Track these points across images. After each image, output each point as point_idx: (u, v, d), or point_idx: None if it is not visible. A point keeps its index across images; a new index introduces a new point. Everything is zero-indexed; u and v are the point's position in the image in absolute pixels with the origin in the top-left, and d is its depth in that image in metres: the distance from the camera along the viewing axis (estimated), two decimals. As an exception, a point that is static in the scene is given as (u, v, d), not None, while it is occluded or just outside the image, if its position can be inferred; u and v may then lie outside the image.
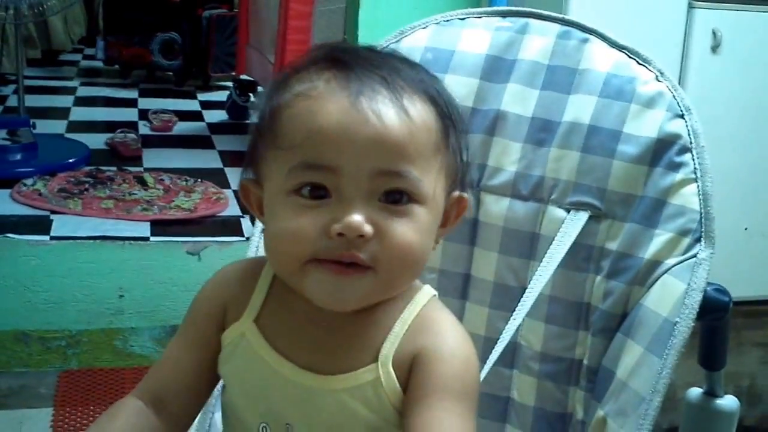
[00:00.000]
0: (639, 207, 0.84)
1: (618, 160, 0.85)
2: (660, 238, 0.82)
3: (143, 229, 2.20)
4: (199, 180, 2.59)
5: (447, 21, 0.95)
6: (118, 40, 3.99)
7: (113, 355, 2.06)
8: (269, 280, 0.72)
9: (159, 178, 2.58)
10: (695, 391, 0.93)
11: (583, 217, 0.87)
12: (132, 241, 2.11)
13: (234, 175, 2.71)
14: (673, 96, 0.85)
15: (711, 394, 0.92)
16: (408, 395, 0.67)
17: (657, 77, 0.87)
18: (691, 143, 0.83)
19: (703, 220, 0.81)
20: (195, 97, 3.87)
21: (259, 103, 0.69)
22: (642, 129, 0.85)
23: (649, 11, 1.79)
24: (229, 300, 0.73)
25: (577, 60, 0.90)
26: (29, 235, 2.08)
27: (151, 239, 2.14)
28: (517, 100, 0.91)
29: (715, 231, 0.81)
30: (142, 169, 2.70)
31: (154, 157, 2.85)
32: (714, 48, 1.83)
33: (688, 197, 0.82)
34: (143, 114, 3.37)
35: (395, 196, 0.64)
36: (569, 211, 0.88)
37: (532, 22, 0.93)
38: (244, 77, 3.32)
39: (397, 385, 0.67)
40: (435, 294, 0.72)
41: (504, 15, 0.94)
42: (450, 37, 0.94)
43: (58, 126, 3.15)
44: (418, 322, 0.69)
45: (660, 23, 1.80)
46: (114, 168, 2.66)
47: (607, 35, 0.90)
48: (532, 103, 0.90)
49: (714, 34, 1.82)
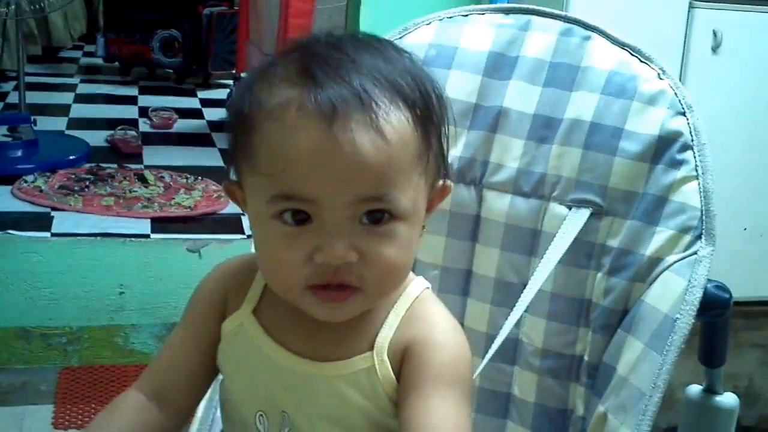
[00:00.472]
0: (640, 204, 0.84)
1: (619, 157, 0.85)
2: (661, 235, 0.82)
3: (144, 226, 2.20)
4: (199, 177, 2.59)
5: (450, 18, 0.95)
6: (119, 38, 3.98)
7: (114, 352, 2.06)
8: None
9: (159, 175, 2.58)
10: (695, 388, 0.93)
11: (584, 214, 0.87)
12: (132, 239, 2.11)
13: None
14: (675, 94, 0.85)
15: (711, 391, 0.92)
16: (401, 385, 0.68)
17: (659, 75, 0.87)
18: (692, 141, 0.83)
19: (704, 217, 0.81)
20: (195, 95, 3.86)
21: (231, 102, 0.68)
22: (644, 126, 0.85)
23: (649, 11, 1.80)
24: (229, 292, 0.75)
25: (579, 57, 0.90)
26: (30, 232, 2.08)
27: (152, 236, 2.14)
28: (520, 97, 0.91)
29: (716, 229, 0.81)
30: (142, 166, 2.70)
31: (154, 155, 2.85)
32: (714, 48, 1.83)
33: (689, 194, 0.82)
34: (143, 111, 3.37)
35: (376, 216, 0.64)
36: (571, 208, 0.88)
37: (535, 19, 0.93)
38: (244, 75, 3.33)
39: (391, 374, 0.68)
40: (428, 286, 0.74)
41: (507, 12, 0.94)
42: (453, 34, 0.94)
43: (59, 123, 3.15)
44: (410, 313, 0.71)
45: (660, 23, 1.81)
46: (114, 165, 2.66)
47: (609, 33, 0.90)
48: (535, 100, 0.90)
49: (714, 34, 1.82)
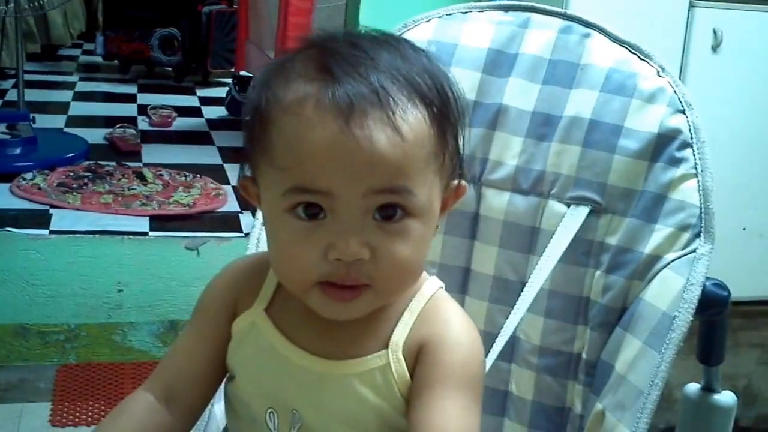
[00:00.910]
0: (639, 202, 0.84)
1: (619, 155, 0.85)
2: (660, 233, 0.82)
3: (142, 224, 2.19)
4: (198, 175, 2.58)
5: (449, 15, 0.95)
6: (118, 36, 3.98)
7: (112, 349, 2.06)
8: None
9: (158, 173, 2.58)
10: (693, 387, 0.93)
11: (583, 211, 0.87)
12: (131, 236, 2.11)
13: (233, 171, 2.70)
14: (675, 91, 0.85)
15: (708, 389, 0.92)
16: (414, 383, 0.68)
17: (658, 73, 0.87)
18: (691, 138, 0.83)
19: (703, 215, 0.81)
20: (194, 93, 3.86)
21: (248, 98, 0.68)
22: (643, 124, 0.85)
23: (649, 10, 1.79)
24: (240, 291, 0.74)
25: (578, 55, 0.90)
26: (28, 229, 2.08)
27: (150, 234, 2.14)
28: (519, 95, 0.91)
29: (715, 227, 0.81)
30: (141, 164, 2.70)
31: (153, 153, 2.84)
32: (714, 47, 1.83)
33: (689, 192, 0.82)
34: (142, 109, 3.36)
35: (389, 211, 0.64)
36: (569, 206, 0.88)
37: (534, 16, 0.93)
38: (243, 73, 3.32)
39: (406, 372, 0.68)
40: (442, 285, 0.73)
41: (506, 9, 0.94)
42: (453, 31, 0.94)
43: (58, 120, 3.14)
44: (425, 312, 0.70)
45: (661, 22, 1.80)
46: (113, 163, 2.65)
47: (608, 30, 0.90)
48: (534, 98, 0.90)
49: (715, 33, 1.82)
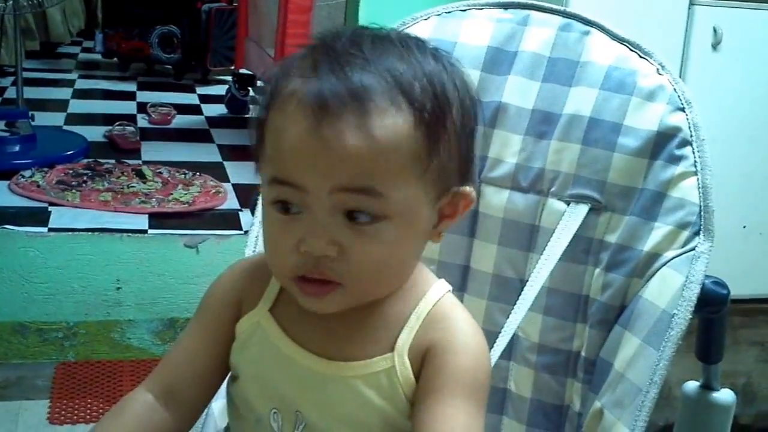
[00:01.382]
0: (639, 200, 0.84)
1: (618, 152, 0.85)
2: (659, 231, 0.82)
3: (141, 221, 2.19)
4: (197, 173, 2.58)
5: (449, 13, 0.95)
6: (117, 33, 3.97)
7: (110, 347, 2.06)
8: None
9: (157, 171, 2.57)
10: (692, 385, 0.93)
11: (582, 209, 0.87)
12: (130, 234, 2.10)
13: (233, 168, 2.70)
14: (674, 89, 0.85)
15: (707, 387, 0.92)
16: (419, 387, 0.67)
17: (658, 70, 0.87)
18: (691, 136, 0.83)
19: (702, 213, 0.81)
20: (194, 91, 3.85)
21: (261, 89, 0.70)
22: (642, 122, 0.85)
23: (649, 8, 1.79)
24: (244, 292, 0.74)
25: (578, 52, 0.90)
26: (27, 227, 2.07)
27: (149, 232, 2.14)
28: (518, 92, 0.91)
29: (715, 225, 0.81)
30: (140, 162, 2.70)
31: (152, 150, 2.84)
32: (715, 45, 1.83)
33: (688, 190, 0.82)
34: (142, 107, 3.36)
35: (356, 214, 0.63)
36: (569, 204, 0.88)
37: (534, 14, 0.93)
38: (243, 71, 3.32)
39: (412, 376, 0.67)
40: (450, 289, 0.72)
41: (505, 7, 0.94)
42: (452, 29, 0.94)
43: (57, 118, 3.14)
44: (432, 315, 0.69)
45: (661, 20, 1.80)
46: (112, 161, 2.65)
47: (608, 28, 0.90)
48: (533, 96, 0.90)
49: (715, 31, 1.82)
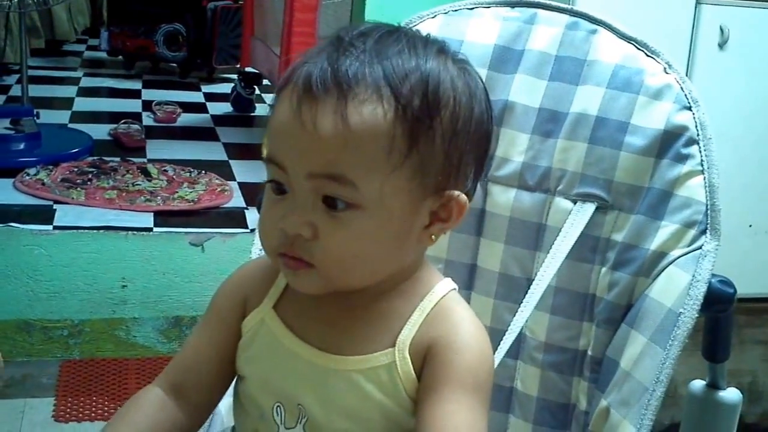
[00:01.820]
0: (645, 198, 0.84)
1: (625, 151, 0.85)
2: (666, 230, 0.82)
3: (146, 219, 2.19)
4: (202, 171, 2.58)
5: (455, 11, 0.95)
6: (122, 31, 3.98)
7: (115, 345, 2.06)
8: None
9: (163, 169, 2.58)
10: (698, 384, 0.93)
11: (589, 208, 0.87)
12: (135, 232, 2.11)
13: (239, 167, 2.70)
14: (681, 88, 0.85)
15: (714, 386, 0.92)
16: (422, 384, 0.67)
17: (665, 69, 0.86)
18: (698, 135, 0.83)
19: (709, 212, 0.81)
20: (199, 89, 3.86)
21: None
22: (649, 121, 0.85)
23: (656, 7, 1.79)
24: (251, 290, 0.75)
25: (585, 51, 0.89)
26: (32, 225, 2.08)
27: (155, 230, 2.14)
28: (525, 91, 0.90)
29: (721, 224, 0.81)
30: (145, 160, 2.70)
31: (157, 149, 2.84)
32: (721, 44, 1.83)
33: (695, 189, 0.82)
34: (147, 105, 3.37)
35: (331, 200, 0.65)
36: (576, 203, 0.88)
37: (541, 12, 0.93)
38: (248, 69, 3.32)
39: (412, 372, 0.68)
40: (455, 288, 0.73)
41: (512, 5, 0.94)
42: (458, 27, 0.93)
43: (62, 116, 3.14)
44: (435, 312, 0.70)
45: (668, 19, 1.80)
46: (117, 159, 2.66)
47: (615, 27, 0.90)
48: (540, 94, 0.90)
49: (721, 30, 1.82)
